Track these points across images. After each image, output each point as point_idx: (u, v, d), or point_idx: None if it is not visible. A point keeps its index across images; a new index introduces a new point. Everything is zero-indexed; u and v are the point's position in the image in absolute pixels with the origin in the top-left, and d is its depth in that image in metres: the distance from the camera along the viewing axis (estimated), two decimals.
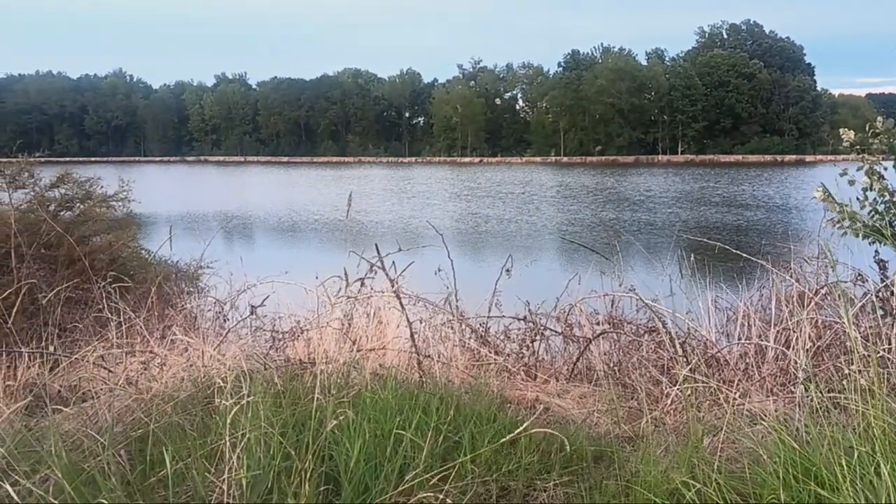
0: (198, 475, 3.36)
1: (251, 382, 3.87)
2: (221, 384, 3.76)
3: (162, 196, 51.09)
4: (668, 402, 4.97)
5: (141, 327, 6.24)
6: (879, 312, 5.01)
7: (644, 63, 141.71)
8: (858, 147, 7.05)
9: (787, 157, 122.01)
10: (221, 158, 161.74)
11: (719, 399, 4.73)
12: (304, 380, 4.69)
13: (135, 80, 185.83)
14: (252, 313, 6.83)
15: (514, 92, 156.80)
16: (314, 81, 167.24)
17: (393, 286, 6.40)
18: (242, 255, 9.26)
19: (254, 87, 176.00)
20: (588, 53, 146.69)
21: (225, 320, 7.58)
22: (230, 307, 7.77)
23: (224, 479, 3.20)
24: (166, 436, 3.83)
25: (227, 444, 3.27)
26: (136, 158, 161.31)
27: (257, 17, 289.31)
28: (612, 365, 6.24)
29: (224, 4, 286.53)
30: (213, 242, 10.88)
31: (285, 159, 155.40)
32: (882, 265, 6.35)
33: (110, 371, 5.51)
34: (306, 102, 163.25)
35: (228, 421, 3.32)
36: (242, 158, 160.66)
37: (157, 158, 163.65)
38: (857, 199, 6.77)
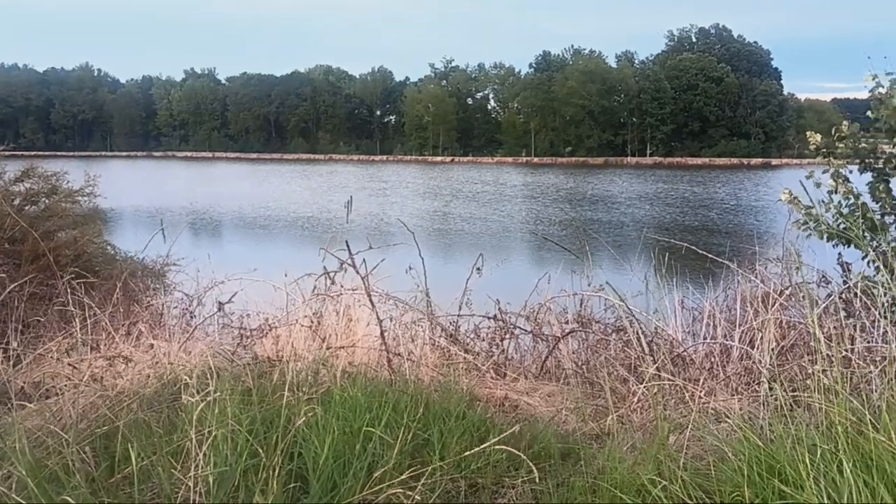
0: (164, 472, 3.33)
1: (218, 379, 3.84)
2: (188, 381, 3.73)
3: (129, 191, 50.46)
4: (635, 400, 5.02)
5: (106, 324, 6.16)
6: (843, 313, 5.09)
7: (614, 65, 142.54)
8: (824, 151, 7.16)
9: (754, 161, 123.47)
10: (189, 154, 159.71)
11: (685, 397, 4.78)
12: (272, 377, 4.67)
13: (102, 73, 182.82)
14: (220, 310, 6.78)
15: (486, 92, 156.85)
16: (284, 78, 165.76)
17: (363, 284, 6.39)
18: (210, 252, 9.17)
19: (223, 82, 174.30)
20: (559, 55, 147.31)
21: (192, 317, 7.51)
22: (197, 304, 7.70)
23: (190, 477, 3.17)
24: (132, 433, 3.79)
25: (194, 441, 3.24)
26: (103, 153, 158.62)
27: (227, 12, 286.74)
28: (580, 363, 6.28)
29: None
30: (179, 238, 10.78)
31: (254, 156, 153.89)
32: (846, 267, 6.46)
33: (75, 368, 5.44)
34: (276, 99, 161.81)
35: (195, 418, 3.28)
36: (211, 154, 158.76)
37: (124, 153, 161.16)
38: (822, 201, 6.88)
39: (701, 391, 4.76)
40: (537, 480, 3.74)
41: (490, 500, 3.71)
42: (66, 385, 5.02)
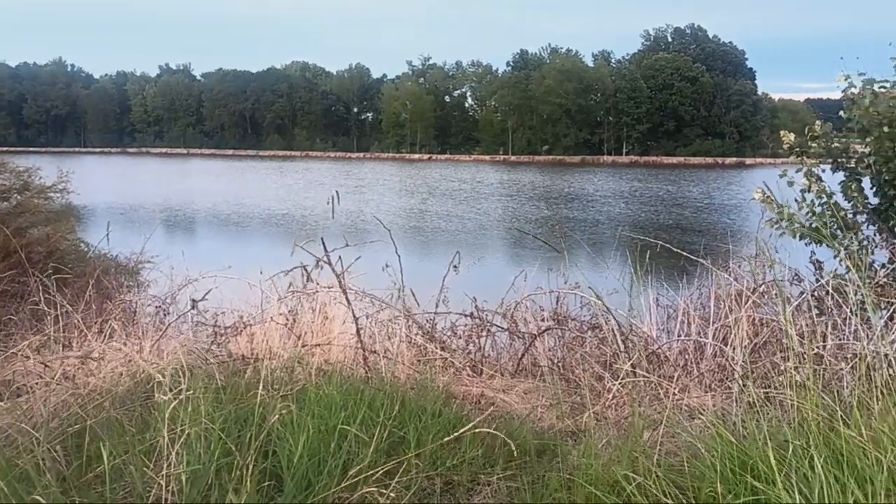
0: (136, 471, 3.30)
1: (191, 377, 3.81)
2: (161, 379, 3.69)
3: (102, 188, 49.97)
4: (610, 396, 5.04)
5: (79, 321, 6.09)
6: (815, 311, 5.16)
7: (590, 64, 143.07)
8: (798, 150, 7.25)
9: (728, 160, 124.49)
10: (164, 150, 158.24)
11: (659, 394, 4.81)
12: (246, 375, 4.64)
13: (76, 69, 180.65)
14: (193, 308, 6.73)
15: (464, 90, 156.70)
16: (261, 74, 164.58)
17: (339, 281, 6.36)
18: (184, 249, 9.10)
19: (198, 78, 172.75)
20: (536, 54, 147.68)
21: (165, 315, 7.44)
22: (171, 302, 7.63)
23: (163, 476, 3.14)
24: (104, 431, 3.76)
25: (166, 439, 3.21)
26: (76, 149, 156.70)
27: (203, 7, 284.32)
28: (556, 361, 6.30)
29: None
30: (153, 236, 10.69)
31: (230, 152, 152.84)
32: (818, 265, 6.54)
33: (46, 366, 5.37)
34: (252, 95, 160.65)
35: (168, 416, 3.25)
36: (186, 151, 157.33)
37: (98, 149, 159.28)
38: (796, 200, 6.96)
39: (675, 388, 4.79)
40: (513, 476, 3.75)
41: (465, 497, 3.71)
42: (37, 383, 4.95)
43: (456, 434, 3.73)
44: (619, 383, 5.00)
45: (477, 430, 3.80)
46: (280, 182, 75.17)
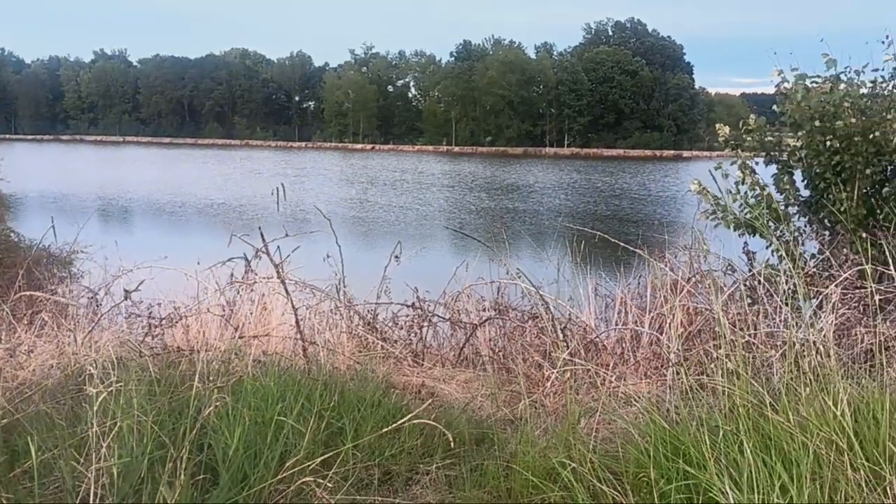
0: (65, 466, 3.21)
1: (124, 369, 3.73)
2: (92, 371, 3.60)
3: (33, 175, 48.50)
4: (549, 385, 5.10)
5: (7, 313, 5.90)
6: (747, 300, 5.29)
7: (533, 56, 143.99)
8: (733, 143, 7.42)
9: (666, 153, 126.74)
10: (99, 138, 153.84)
11: (596, 382, 4.89)
12: (181, 367, 4.56)
13: (6, 53, 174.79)
14: (126, 298, 6.56)
15: (407, 80, 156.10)
16: (199, 60, 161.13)
17: (278, 272, 6.28)
18: (118, 239, 8.87)
19: (135, 64, 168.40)
20: (479, 45, 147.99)
21: (98, 306, 7.24)
22: (104, 293, 7.43)
23: (92, 470, 3.06)
24: (32, 425, 3.66)
25: (96, 432, 3.13)
26: (6, 136, 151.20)
27: None
28: (496, 350, 6.34)
29: None
30: (87, 225, 10.41)
31: (167, 140, 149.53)
32: (750, 255, 6.71)
33: None
34: (190, 82, 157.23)
35: (97, 408, 3.17)
36: (121, 139, 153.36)
37: (30, 136, 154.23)
38: (730, 191, 7.12)
39: (612, 376, 4.87)
40: (451, 465, 3.76)
41: (404, 487, 3.71)
42: None
43: (394, 425, 3.72)
44: (557, 372, 5.05)
45: (416, 422, 3.80)
46: (218, 171, 73.98)
